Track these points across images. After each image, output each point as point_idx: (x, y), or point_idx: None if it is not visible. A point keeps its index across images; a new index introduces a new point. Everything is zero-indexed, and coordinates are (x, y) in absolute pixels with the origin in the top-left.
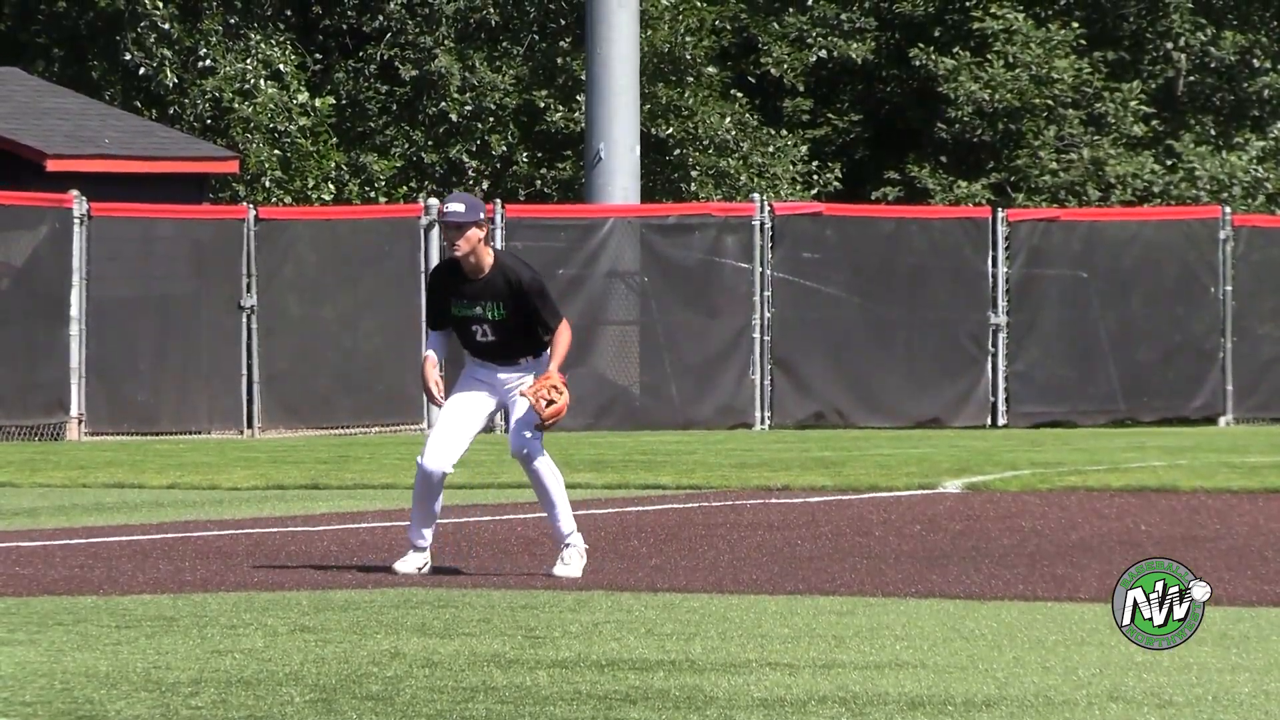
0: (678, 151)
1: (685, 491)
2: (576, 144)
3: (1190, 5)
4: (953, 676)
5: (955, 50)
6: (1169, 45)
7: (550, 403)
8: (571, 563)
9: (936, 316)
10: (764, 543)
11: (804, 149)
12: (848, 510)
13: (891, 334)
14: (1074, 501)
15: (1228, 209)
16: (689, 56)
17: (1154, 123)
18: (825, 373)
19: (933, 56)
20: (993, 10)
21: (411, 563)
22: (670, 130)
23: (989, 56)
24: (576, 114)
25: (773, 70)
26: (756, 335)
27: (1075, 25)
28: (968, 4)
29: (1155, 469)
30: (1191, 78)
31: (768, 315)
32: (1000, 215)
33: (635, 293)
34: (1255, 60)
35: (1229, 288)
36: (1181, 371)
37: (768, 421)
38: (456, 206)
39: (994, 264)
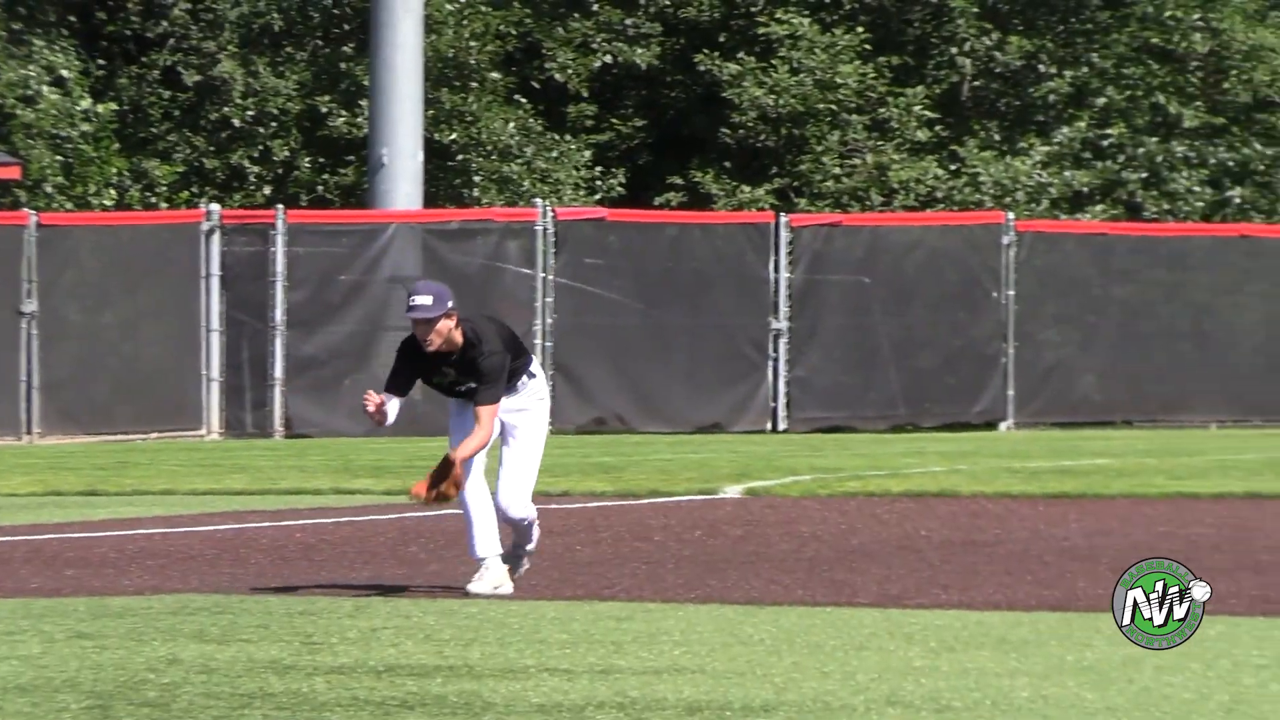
0: (461, 157)
1: None
2: (359, 149)
3: (975, 11)
4: (731, 682)
5: (740, 55)
6: (954, 51)
7: (438, 495)
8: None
9: (718, 322)
10: (543, 548)
11: (588, 154)
12: (628, 515)
13: (673, 340)
14: (853, 507)
15: (1011, 214)
16: (473, 62)
17: (938, 128)
18: (606, 378)
19: (717, 62)
20: (778, 15)
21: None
22: (454, 136)
23: (774, 62)
24: (360, 119)
25: (557, 76)
26: (538, 341)
27: (860, 30)
28: (753, 9)
29: (935, 474)
30: (976, 83)
31: (549, 321)
32: (783, 220)
33: None
34: (1040, 65)
35: (1011, 293)
36: (963, 377)
37: (549, 427)
38: (424, 299)
39: (776, 269)
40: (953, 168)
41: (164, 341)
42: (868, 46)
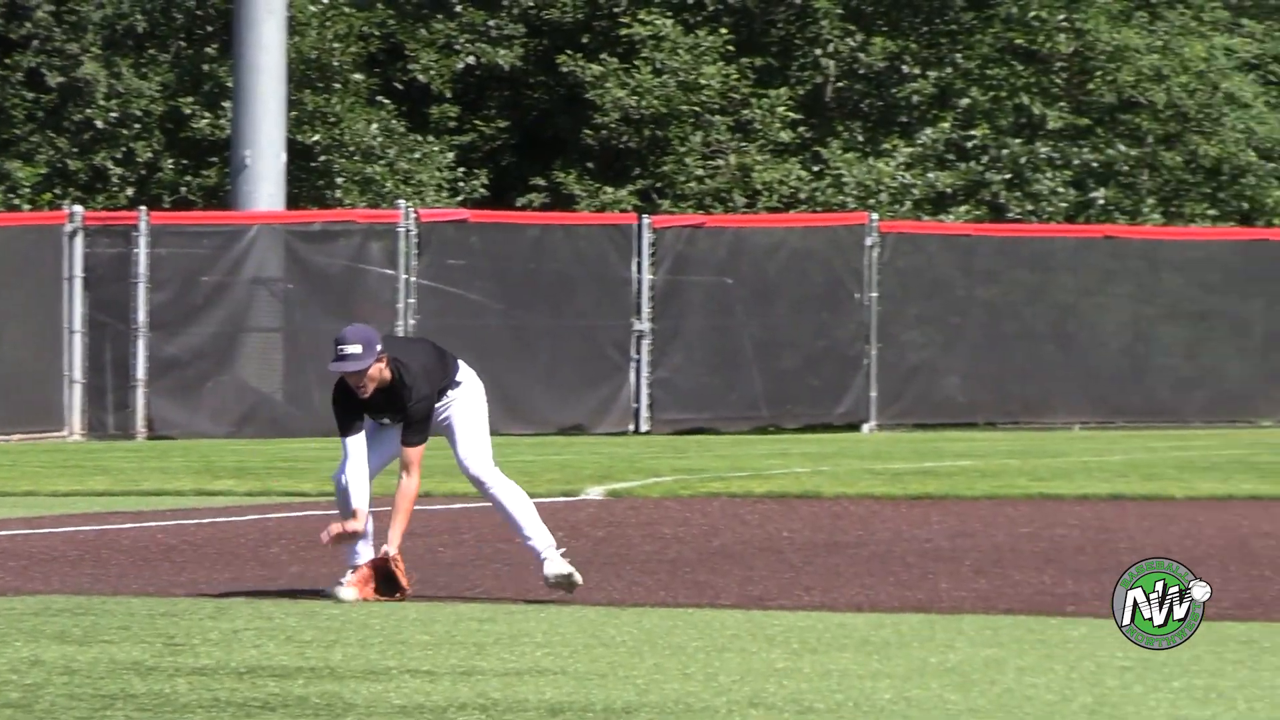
0: (324, 158)
1: (327, 499)
2: (222, 151)
3: (840, 12)
4: (593, 683)
5: (603, 57)
6: (818, 52)
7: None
8: (554, 560)
9: (581, 323)
10: (404, 549)
11: (450, 156)
12: (489, 517)
13: (535, 341)
14: (716, 508)
15: (874, 215)
16: (336, 63)
17: (801, 129)
18: None
19: (580, 63)
20: (640, 17)
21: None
22: (316, 137)
23: (636, 63)
24: (223, 121)
25: (420, 77)
26: None
27: (724, 32)
28: (615, 10)
29: (798, 475)
30: (840, 84)
31: (412, 322)
32: (645, 222)
33: (279, 300)
34: (904, 66)
35: (874, 294)
36: (826, 378)
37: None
38: (354, 348)
39: (638, 271)
40: (816, 169)
41: (26, 343)
42: (731, 48)
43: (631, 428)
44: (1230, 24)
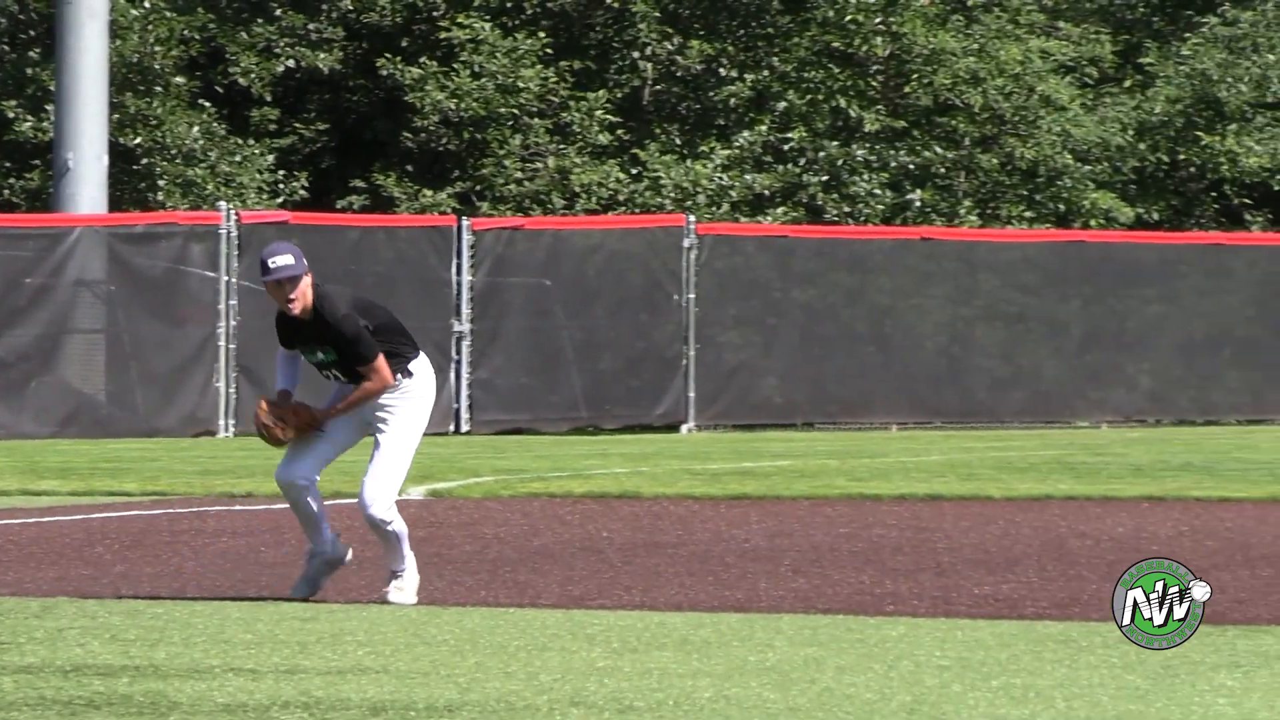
0: (146, 161)
1: (150, 499)
2: (45, 154)
3: (657, 15)
4: (415, 682)
5: (422, 60)
6: (635, 55)
7: (282, 427)
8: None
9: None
10: (228, 549)
11: (271, 158)
12: None
13: None
14: (536, 508)
15: (692, 217)
16: (158, 66)
17: (620, 132)
18: None
19: (400, 66)
20: (459, 20)
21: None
22: (139, 140)
23: (455, 66)
24: (45, 124)
25: (240, 80)
26: (222, 344)
27: (542, 35)
28: (434, 14)
29: (617, 476)
30: (658, 87)
31: (233, 323)
32: (465, 224)
33: (102, 301)
34: (721, 69)
35: (692, 296)
36: (644, 379)
37: (233, 429)
38: (285, 259)
39: (458, 272)
40: (634, 171)
41: None
42: (549, 51)
43: (452, 428)
44: (1046, 27)
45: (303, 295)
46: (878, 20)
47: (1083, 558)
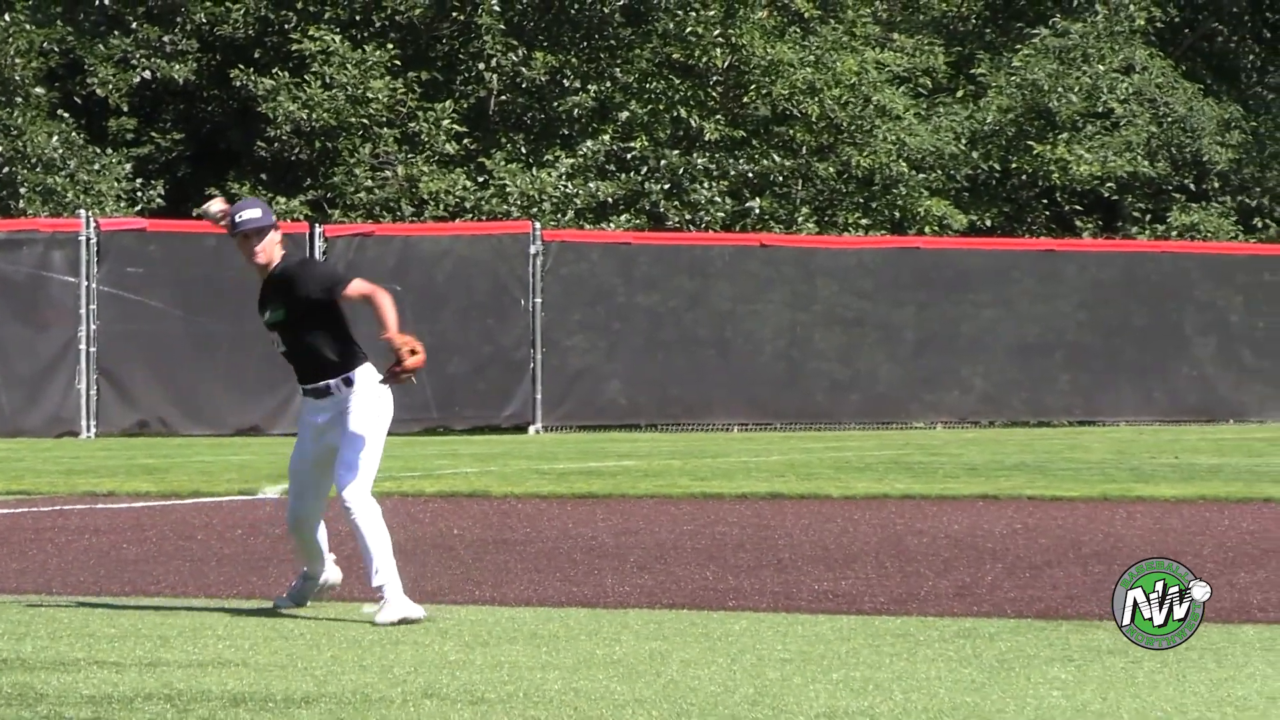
0: (6, 169)
1: (14, 497)
2: None
3: (502, 28)
4: (273, 674)
5: (275, 71)
6: (481, 66)
7: (414, 352)
8: (385, 609)
9: (256, 328)
10: (91, 546)
11: (129, 167)
12: (171, 515)
13: (215, 345)
14: (389, 507)
15: (537, 224)
16: (18, 78)
17: (466, 141)
18: (149, 383)
19: (253, 77)
20: (310, 33)
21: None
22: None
23: (307, 77)
24: None
25: (98, 91)
26: (83, 347)
27: (391, 47)
28: (286, 27)
29: (467, 475)
30: (503, 97)
31: (94, 327)
32: (318, 231)
33: None
34: (565, 80)
35: (538, 300)
36: (493, 382)
37: (94, 430)
38: (252, 212)
39: None
40: (481, 179)
41: None
42: (398, 62)
43: None
44: (881, 39)
45: (268, 249)
46: (717, 33)
47: (919, 555)
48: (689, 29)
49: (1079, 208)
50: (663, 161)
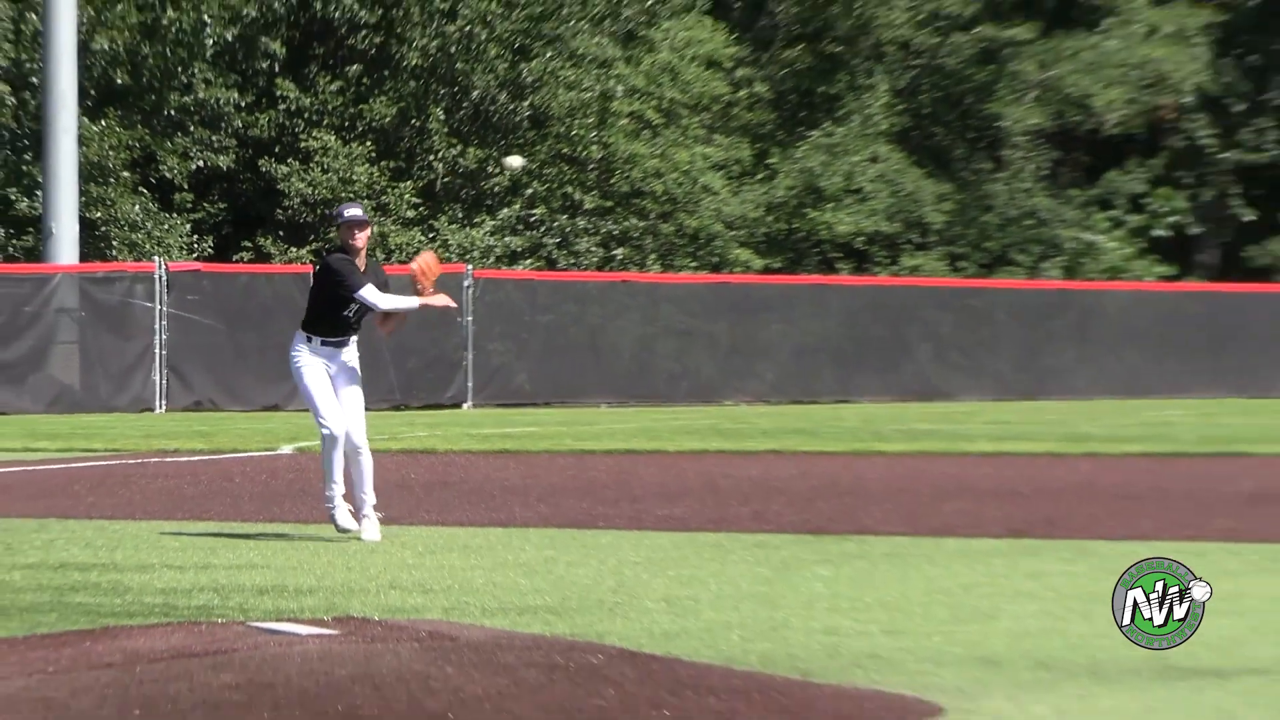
0: (104, 228)
1: (110, 453)
2: (36, 224)
3: (446, 130)
4: (287, 573)
5: (289, 160)
6: (431, 157)
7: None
8: (372, 528)
9: (276, 336)
10: (162, 488)
11: (188, 227)
12: (217, 466)
13: (247, 349)
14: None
15: (470, 266)
16: (111, 165)
17: (421, 209)
18: (202, 374)
19: (274, 165)
20: (314, 134)
21: (353, 521)
22: (99, 214)
23: (311, 165)
24: (36, 204)
25: (167, 174)
26: (157, 350)
27: (369, 144)
28: (298, 130)
29: (420, 437)
30: (446, 179)
31: (164, 338)
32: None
33: (75, 323)
34: (489, 167)
35: (470, 319)
36: (438, 373)
37: (164, 407)
38: (358, 211)
39: None
40: (430, 235)
41: None
42: (374, 154)
43: None
44: (706, 139)
45: (367, 238)
46: (593, 134)
47: (729, 492)
48: (574, 132)
49: (840, 254)
50: (555, 223)
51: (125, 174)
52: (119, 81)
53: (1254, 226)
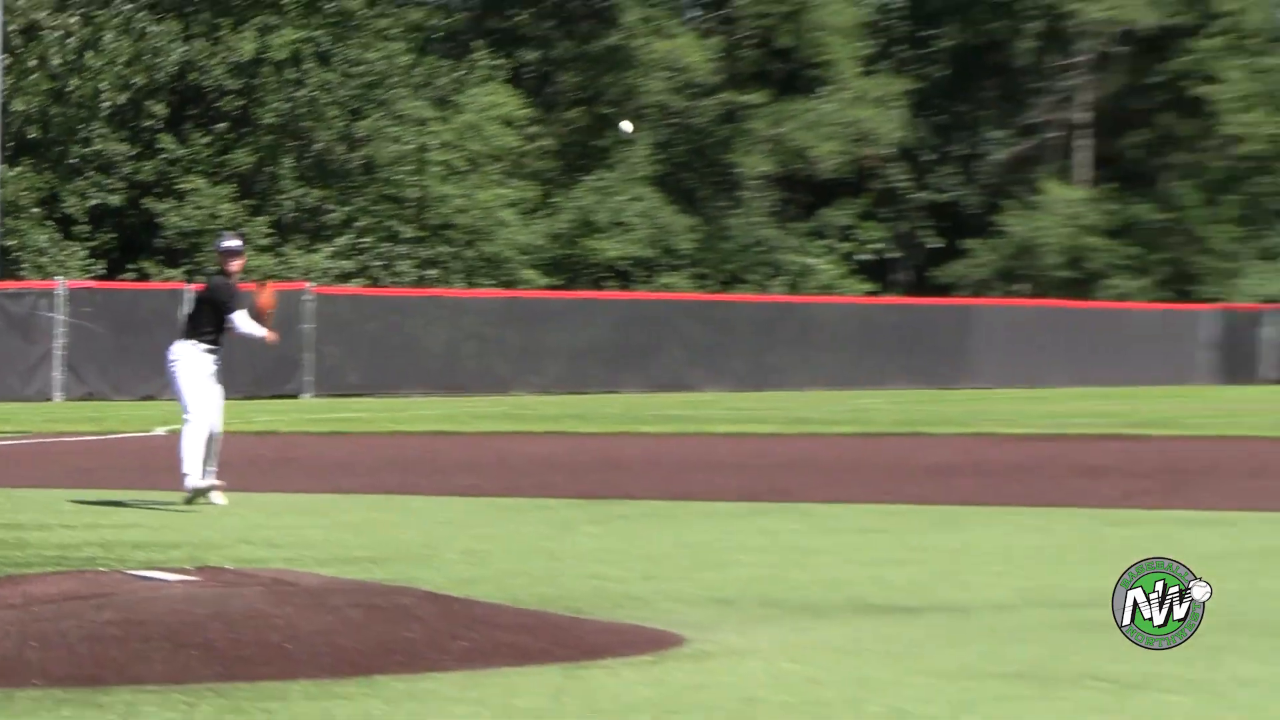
0: (17, 254)
1: (20, 434)
2: None
3: (294, 175)
4: (161, 532)
5: (167, 198)
6: (281, 196)
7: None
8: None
9: (157, 339)
10: (60, 463)
11: (85, 253)
12: (104, 445)
13: (130, 350)
14: (232, 442)
15: (310, 284)
16: (23, 203)
17: (273, 237)
18: (95, 371)
19: (155, 203)
20: (188, 178)
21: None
22: (13, 242)
23: (185, 203)
24: None
25: (69, 210)
26: (56, 351)
27: (231, 186)
28: (175, 175)
29: (267, 421)
30: (293, 214)
31: (64, 341)
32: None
33: None
34: (328, 204)
35: (310, 325)
36: (284, 369)
37: (63, 396)
38: (236, 242)
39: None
40: (280, 259)
41: None
42: (236, 194)
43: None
44: (502, 181)
45: (240, 265)
46: (412, 179)
47: (518, 465)
48: (396, 176)
49: (608, 274)
50: (380, 249)
51: (35, 210)
52: (31, 136)
53: (939, 252)
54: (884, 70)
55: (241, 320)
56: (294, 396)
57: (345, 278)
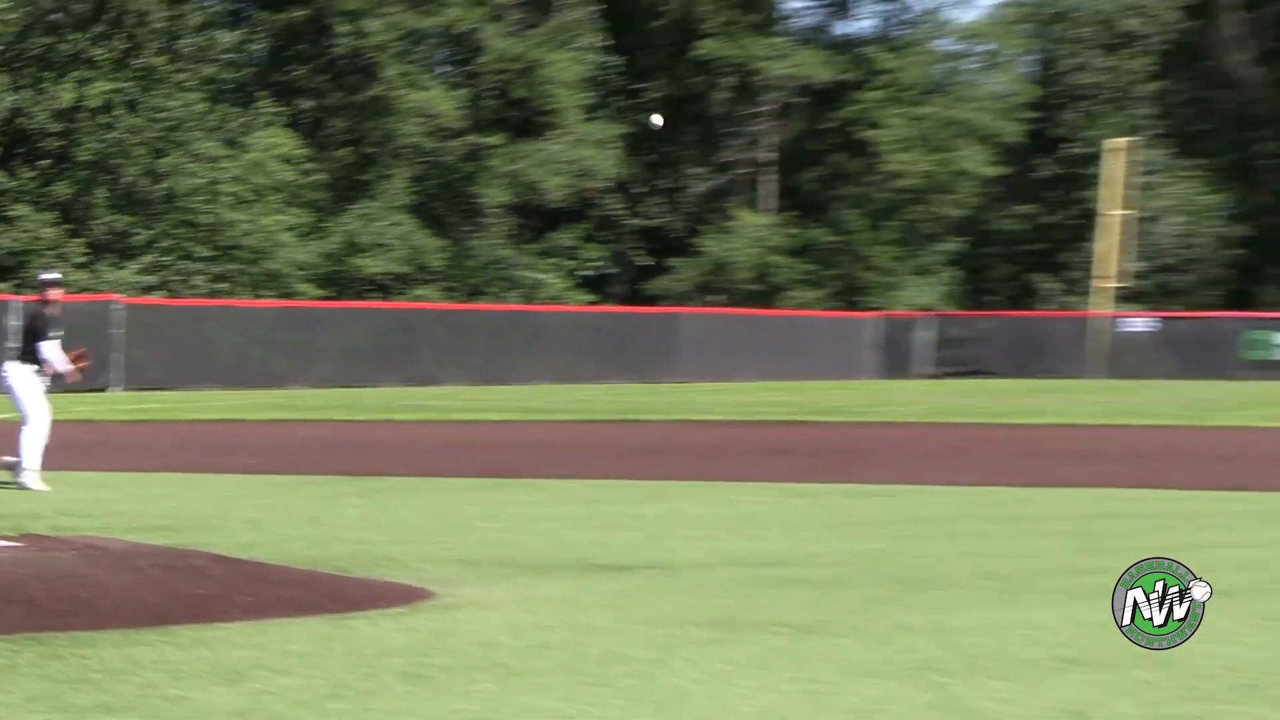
0: None
1: None
2: None
3: (106, 204)
4: (10, 506)
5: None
6: (94, 222)
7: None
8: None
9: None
10: None
11: None
12: None
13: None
14: (68, 428)
15: (120, 295)
16: None
17: (88, 256)
18: None
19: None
20: (15, 206)
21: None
22: None
23: (13, 226)
24: None
25: None
26: None
27: (54, 213)
28: (4, 203)
29: (83, 411)
30: (105, 236)
31: None
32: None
33: None
34: (132, 230)
35: (121, 330)
36: (96, 366)
37: None
38: (57, 275)
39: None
40: (94, 274)
41: None
42: (58, 220)
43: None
44: (282, 209)
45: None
46: (206, 207)
47: (291, 448)
48: (193, 204)
49: (371, 287)
50: (179, 266)
51: None
52: None
53: (648, 269)
54: (603, 117)
55: (49, 350)
56: (104, 390)
57: (149, 290)
